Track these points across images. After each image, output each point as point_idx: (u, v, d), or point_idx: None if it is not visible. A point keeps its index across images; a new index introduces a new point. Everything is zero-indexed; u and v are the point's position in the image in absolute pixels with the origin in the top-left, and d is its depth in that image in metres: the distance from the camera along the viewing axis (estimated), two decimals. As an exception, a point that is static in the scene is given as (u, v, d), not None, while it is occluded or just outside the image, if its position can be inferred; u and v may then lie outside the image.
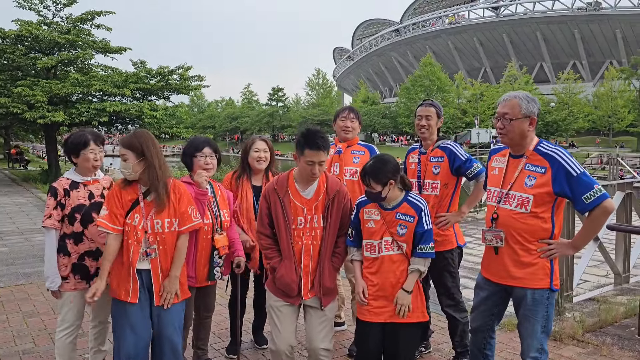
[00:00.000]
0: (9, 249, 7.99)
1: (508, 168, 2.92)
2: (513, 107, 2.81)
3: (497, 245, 2.89)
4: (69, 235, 3.25)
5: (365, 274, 3.14)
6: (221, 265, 3.53)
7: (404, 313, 2.98)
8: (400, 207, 3.08)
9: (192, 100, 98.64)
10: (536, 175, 2.77)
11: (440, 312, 4.22)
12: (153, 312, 3.06)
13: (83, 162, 3.30)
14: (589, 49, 67.72)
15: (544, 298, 2.82)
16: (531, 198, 2.76)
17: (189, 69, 21.30)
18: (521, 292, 2.85)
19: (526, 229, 2.80)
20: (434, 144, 3.81)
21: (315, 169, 3.04)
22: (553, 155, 2.75)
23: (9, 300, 5.50)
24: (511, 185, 2.85)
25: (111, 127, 22.40)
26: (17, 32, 18.39)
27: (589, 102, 53.24)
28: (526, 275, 2.82)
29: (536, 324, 2.83)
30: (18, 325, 4.78)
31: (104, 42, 20.87)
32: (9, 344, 4.35)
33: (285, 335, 3.13)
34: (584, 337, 4.38)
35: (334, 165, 4.22)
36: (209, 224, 3.45)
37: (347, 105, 4.84)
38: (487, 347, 3.16)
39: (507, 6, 73.22)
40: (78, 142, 3.29)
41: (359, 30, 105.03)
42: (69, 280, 3.26)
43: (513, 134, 2.83)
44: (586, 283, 6.23)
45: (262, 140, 4.08)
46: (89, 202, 3.28)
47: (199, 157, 3.51)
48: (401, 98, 61.70)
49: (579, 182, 2.66)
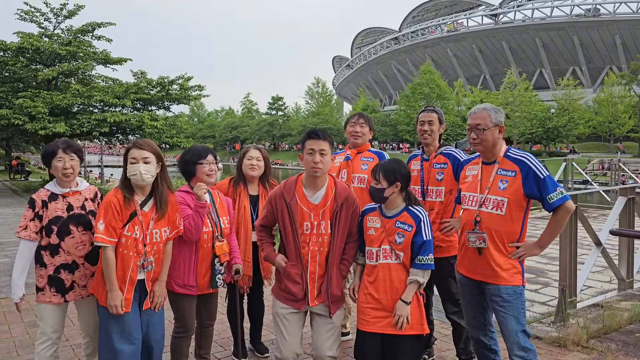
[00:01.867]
0: (10, 259, 7.98)
1: (483, 174, 3.14)
2: (484, 117, 3.06)
3: (481, 247, 3.06)
4: (45, 247, 3.16)
5: (365, 283, 3.13)
6: (223, 273, 3.52)
7: (402, 324, 2.95)
8: (400, 216, 3.08)
9: (192, 110, 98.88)
10: (508, 179, 3.01)
11: (443, 319, 4.21)
12: (142, 317, 3.14)
13: (54, 172, 3.21)
14: (589, 55, 67.95)
15: (516, 294, 3.02)
16: (506, 200, 2.99)
17: (189, 79, 21.37)
18: (495, 288, 3.04)
19: (501, 230, 3.02)
20: (437, 151, 3.81)
21: (317, 157, 3.04)
22: (522, 160, 3.00)
23: (11, 311, 5.47)
24: (488, 190, 3.07)
25: (112, 138, 22.45)
26: (18, 44, 18.49)
27: (590, 108, 53.30)
28: (500, 273, 3.01)
29: (512, 320, 3.00)
30: (20, 335, 4.76)
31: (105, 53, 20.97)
32: (11, 354, 4.34)
33: (291, 342, 3.11)
34: (589, 343, 4.35)
35: (341, 171, 4.17)
36: (209, 232, 3.44)
37: (358, 112, 4.82)
38: (491, 342, 3.26)
39: (506, 13, 73.60)
40: (46, 153, 3.22)
41: (357, 38, 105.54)
42: (45, 292, 3.20)
43: (486, 142, 3.06)
44: (590, 289, 6.20)
45: (256, 149, 4.11)
46: (67, 214, 3.18)
47: (204, 164, 3.50)
48: (401, 106, 61.82)
49: (545, 183, 2.93)
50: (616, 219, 6.13)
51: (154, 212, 3.11)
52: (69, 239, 3.15)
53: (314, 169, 3.06)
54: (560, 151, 51.21)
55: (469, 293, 3.25)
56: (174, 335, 3.50)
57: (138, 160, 3.01)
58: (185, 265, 3.39)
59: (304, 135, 3.20)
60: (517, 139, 50.02)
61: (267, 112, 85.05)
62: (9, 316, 5.31)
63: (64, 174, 3.17)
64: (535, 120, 50.45)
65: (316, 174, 3.09)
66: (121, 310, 2.96)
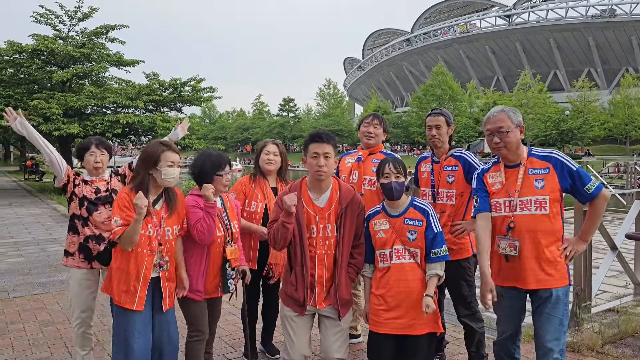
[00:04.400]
0: (25, 259, 8.08)
1: (508, 178, 3.03)
2: (504, 120, 2.98)
3: (510, 254, 2.96)
4: (78, 216, 3.64)
5: (374, 290, 3.11)
6: (234, 277, 3.51)
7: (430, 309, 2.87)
8: (407, 213, 3.07)
9: (204, 112, 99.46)
10: (543, 177, 2.94)
11: (455, 322, 4.16)
12: (155, 317, 3.17)
13: (86, 164, 3.74)
14: (604, 56, 67.12)
15: (564, 295, 2.95)
16: (547, 198, 2.91)
17: (201, 80, 21.50)
18: (546, 292, 2.93)
19: (547, 229, 2.92)
20: (447, 153, 3.78)
21: (321, 161, 3.02)
22: (552, 156, 2.97)
23: (25, 310, 5.54)
24: (518, 192, 2.96)
25: (124, 139, 22.66)
26: (33, 46, 18.76)
27: (605, 110, 52.61)
28: (551, 276, 2.92)
29: (558, 322, 2.92)
30: (34, 334, 4.81)
31: (118, 55, 21.18)
32: (25, 352, 4.38)
33: (299, 345, 3.10)
34: (604, 348, 4.28)
35: (352, 173, 4.15)
36: (220, 236, 3.43)
37: (372, 112, 4.79)
38: (516, 350, 3.18)
39: (520, 14, 72.99)
40: (81, 147, 3.78)
41: (369, 40, 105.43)
42: (74, 257, 3.63)
43: (511, 144, 2.98)
44: (605, 294, 6.11)
45: (273, 144, 4.14)
46: (95, 195, 3.68)
47: (222, 176, 3.42)
48: (413, 107, 61.58)
49: (580, 175, 2.90)
50: (632, 222, 6.04)
51: (165, 210, 3.17)
52: (96, 214, 3.63)
53: (319, 173, 3.06)
54: (574, 154, 50.62)
55: (511, 305, 3.09)
56: (189, 339, 3.48)
57: (175, 164, 3.13)
58: (195, 270, 3.38)
59: (307, 138, 3.17)
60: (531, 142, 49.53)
61: (278, 114, 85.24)
62: (24, 315, 5.37)
63: (95, 167, 3.70)
64: (549, 123, 49.97)
65: (321, 178, 3.08)
66: (145, 203, 2.95)
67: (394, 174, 3.04)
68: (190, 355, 3.48)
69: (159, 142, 3.21)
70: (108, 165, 3.86)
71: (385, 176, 3.06)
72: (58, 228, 11.32)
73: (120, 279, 3.07)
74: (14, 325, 5.04)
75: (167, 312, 3.22)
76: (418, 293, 2.99)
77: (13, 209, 14.72)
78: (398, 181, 3.04)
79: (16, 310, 5.54)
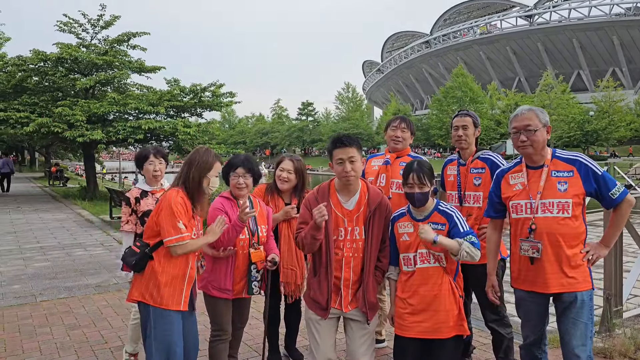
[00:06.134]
0: (51, 263, 8.22)
1: (530, 179, 2.98)
2: (532, 118, 2.94)
3: (533, 256, 2.92)
4: (140, 235, 3.65)
5: (399, 293, 3.08)
6: (259, 280, 3.52)
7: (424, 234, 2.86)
8: (431, 217, 3.04)
9: (224, 117, 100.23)
10: (567, 180, 2.89)
11: (482, 327, 4.09)
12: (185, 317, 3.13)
13: (145, 173, 3.87)
14: (629, 55, 65.68)
15: (588, 299, 2.89)
16: (570, 201, 2.86)
17: (221, 86, 21.64)
18: (570, 296, 2.88)
19: (569, 233, 2.88)
20: (474, 155, 3.71)
21: (347, 166, 2.98)
22: (577, 159, 2.91)
23: (52, 313, 5.62)
24: (540, 194, 2.91)
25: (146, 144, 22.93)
26: (57, 54, 19.11)
27: (631, 110, 51.48)
28: (574, 280, 2.87)
29: (584, 327, 2.89)
30: (61, 337, 4.87)
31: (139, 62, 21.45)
32: (53, 355, 4.43)
33: (324, 348, 3.08)
34: (636, 354, 4.17)
35: (380, 176, 4.12)
36: (245, 239, 3.47)
37: (399, 115, 4.73)
38: (542, 355, 3.12)
39: (541, 14, 71.96)
40: (140, 156, 3.89)
41: (388, 43, 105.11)
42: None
43: (537, 143, 2.92)
44: (636, 298, 5.94)
45: (290, 160, 4.02)
46: None
47: (233, 177, 3.50)
48: (433, 110, 61.16)
49: (605, 179, 2.86)
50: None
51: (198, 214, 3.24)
52: None
53: (347, 178, 3.02)
54: (600, 155, 49.64)
55: (533, 309, 3.04)
56: (212, 339, 3.51)
57: (217, 175, 3.19)
58: (223, 270, 3.44)
59: (329, 144, 3.10)
60: (555, 143, 48.74)
61: (297, 118, 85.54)
62: (51, 318, 5.45)
63: (154, 175, 3.84)
64: (573, 124, 49.11)
65: (349, 182, 3.05)
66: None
67: (417, 185, 2.99)
68: (214, 355, 3.49)
69: (211, 151, 3.19)
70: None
71: (409, 186, 3.03)
72: (82, 233, 11.50)
73: (168, 282, 2.99)
74: (41, 329, 5.11)
75: (191, 317, 3.22)
76: (444, 297, 2.96)
77: (39, 215, 15.01)
78: (422, 192, 2.98)
79: (43, 314, 5.63)
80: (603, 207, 2.99)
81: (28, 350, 4.56)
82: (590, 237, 3.08)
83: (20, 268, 7.90)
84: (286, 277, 3.92)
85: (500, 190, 3.13)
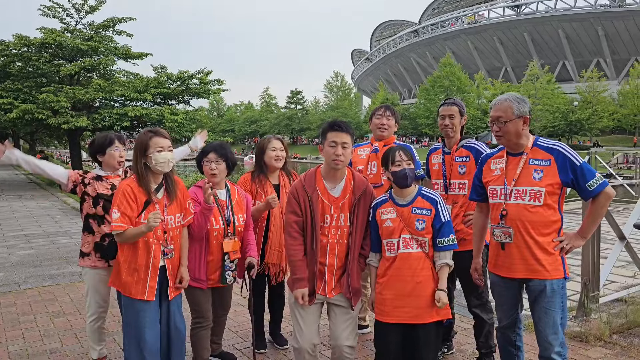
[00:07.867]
0: (35, 251, 8.17)
1: (508, 166, 3.01)
2: (505, 109, 2.95)
3: (505, 241, 2.96)
4: (93, 215, 3.59)
5: (380, 279, 3.12)
6: (233, 270, 3.56)
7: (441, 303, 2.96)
8: (415, 202, 3.07)
9: (212, 104, 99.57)
10: (543, 169, 2.89)
11: (464, 313, 4.17)
12: (162, 305, 3.21)
13: (109, 159, 3.66)
14: (613, 46, 66.33)
15: (560, 288, 2.92)
16: (543, 190, 2.86)
17: (209, 73, 21.50)
18: (540, 284, 2.91)
19: (539, 221, 2.89)
20: (458, 143, 3.77)
21: (339, 150, 3.03)
22: (556, 148, 2.90)
23: (36, 301, 5.61)
24: (515, 181, 2.94)
25: (133, 132, 22.74)
26: (41, 39, 18.82)
27: (614, 101, 52.06)
28: (544, 267, 2.88)
29: (556, 316, 2.90)
30: (45, 325, 4.88)
31: (126, 48, 21.21)
32: (36, 343, 4.44)
33: (308, 333, 3.12)
34: (611, 338, 4.29)
35: (370, 164, 4.17)
36: (219, 229, 3.49)
37: (384, 104, 4.77)
38: (517, 338, 3.18)
39: (528, 4, 72.17)
40: (104, 142, 3.67)
41: (377, 31, 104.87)
42: (90, 257, 3.60)
43: (509, 134, 2.95)
44: (613, 284, 6.09)
45: (277, 139, 4.14)
46: (111, 192, 3.58)
47: (205, 163, 3.56)
48: (420, 99, 61.24)
49: (582, 171, 2.83)
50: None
51: (166, 198, 3.20)
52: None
53: (336, 162, 3.05)
54: (583, 144, 50.23)
55: (507, 293, 3.10)
56: (192, 326, 3.56)
57: (164, 149, 3.11)
58: (195, 260, 3.47)
59: (325, 126, 3.14)
60: (539, 132, 49.15)
61: (285, 106, 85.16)
62: (35, 306, 5.44)
63: (119, 161, 3.69)
64: (557, 113, 49.52)
65: (337, 167, 3.08)
66: (157, 224, 2.97)
67: (405, 161, 3.05)
68: (196, 342, 3.54)
69: (147, 130, 3.22)
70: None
71: (397, 164, 3.05)
72: (68, 221, 11.42)
73: (129, 270, 3.09)
74: (25, 317, 5.11)
75: (173, 301, 3.25)
76: (425, 282, 2.99)
77: (23, 202, 14.86)
78: (410, 167, 3.05)
79: (27, 301, 5.62)
80: (581, 198, 2.98)
81: (11, 337, 4.56)
82: (572, 225, 3.13)
83: (4, 256, 7.84)
84: (272, 258, 3.97)
85: (482, 174, 3.19)
